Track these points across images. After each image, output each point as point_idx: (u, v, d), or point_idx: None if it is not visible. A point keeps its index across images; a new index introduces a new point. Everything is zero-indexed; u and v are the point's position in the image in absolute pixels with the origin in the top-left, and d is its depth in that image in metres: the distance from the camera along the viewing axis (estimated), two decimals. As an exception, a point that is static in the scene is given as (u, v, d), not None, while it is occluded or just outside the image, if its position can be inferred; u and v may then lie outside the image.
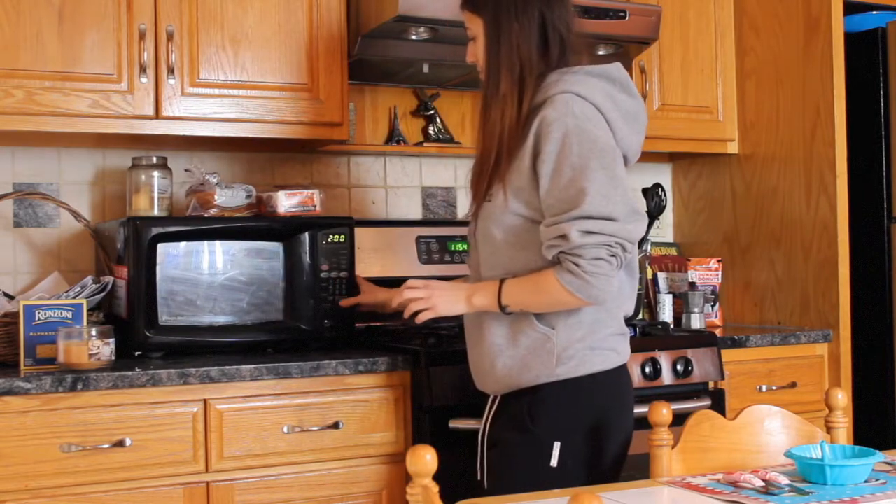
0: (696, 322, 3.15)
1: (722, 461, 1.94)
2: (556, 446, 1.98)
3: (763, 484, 1.58)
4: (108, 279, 2.56)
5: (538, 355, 2.02)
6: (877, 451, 1.64)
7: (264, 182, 3.03)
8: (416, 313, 2.14)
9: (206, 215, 2.64)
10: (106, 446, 2.19)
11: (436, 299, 2.11)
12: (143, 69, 2.55)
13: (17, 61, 2.45)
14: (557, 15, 2.06)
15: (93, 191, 2.89)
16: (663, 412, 1.88)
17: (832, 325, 3.10)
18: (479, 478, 2.12)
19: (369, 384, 2.44)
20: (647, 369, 2.66)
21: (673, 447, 1.88)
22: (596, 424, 2.02)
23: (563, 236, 1.92)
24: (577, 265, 1.92)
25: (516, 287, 2.01)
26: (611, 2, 2.89)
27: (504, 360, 2.05)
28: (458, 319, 2.27)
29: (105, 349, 2.27)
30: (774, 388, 3.00)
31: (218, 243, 2.58)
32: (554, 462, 1.98)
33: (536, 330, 2.02)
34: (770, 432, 2.01)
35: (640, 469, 1.95)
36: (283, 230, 2.63)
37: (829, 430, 2.02)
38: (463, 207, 3.37)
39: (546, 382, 2.01)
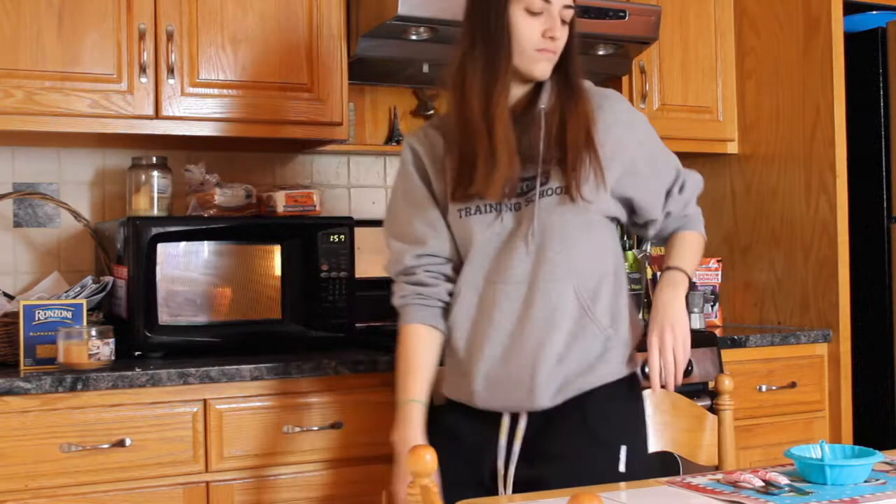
0: (696, 322, 3.15)
1: (722, 461, 1.95)
2: (623, 450, 1.90)
3: (763, 484, 1.58)
4: (108, 279, 2.56)
5: (600, 356, 1.92)
6: (877, 451, 1.64)
7: (264, 182, 3.03)
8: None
9: (206, 215, 2.64)
10: (106, 446, 2.19)
11: (679, 326, 1.94)
12: (142, 69, 2.55)
13: (17, 61, 2.45)
14: None
15: (93, 191, 2.89)
16: (663, 412, 1.89)
17: (832, 325, 3.10)
18: None
19: (369, 384, 2.44)
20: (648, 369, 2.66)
21: (673, 447, 1.89)
22: (641, 423, 2.01)
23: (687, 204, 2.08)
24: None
25: (686, 259, 2.03)
26: (611, 2, 2.89)
27: (568, 365, 1.91)
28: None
29: (105, 349, 2.28)
30: (774, 387, 3.00)
31: (218, 243, 2.58)
32: (622, 467, 1.90)
33: (602, 329, 1.92)
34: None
35: (639, 469, 1.95)
36: (283, 230, 2.63)
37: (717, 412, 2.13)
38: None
39: (602, 384, 1.92)
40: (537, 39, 1.90)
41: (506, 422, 1.94)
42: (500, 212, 1.94)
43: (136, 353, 2.46)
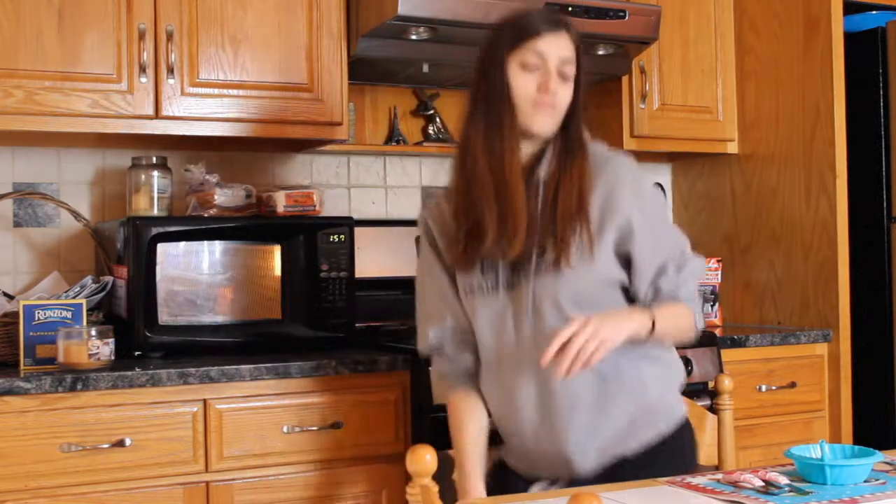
0: (696, 322, 3.15)
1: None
2: None
3: (763, 484, 1.58)
4: (108, 279, 2.56)
5: (633, 422, 1.87)
6: (877, 451, 1.64)
7: (264, 182, 3.03)
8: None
9: (205, 215, 2.64)
10: (106, 446, 2.19)
11: (603, 331, 1.72)
12: (142, 69, 2.55)
13: (17, 61, 2.45)
14: None
15: (93, 191, 2.89)
16: (663, 412, 1.88)
17: (832, 325, 3.10)
18: None
19: (369, 384, 2.44)
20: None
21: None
22: (689, 464, 1.95)
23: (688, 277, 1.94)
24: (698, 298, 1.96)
25: (661, 312, 1.86)
26: (611, 2, 2.89)
27: (602, 434, 1.87)
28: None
29: (105, 349, 2.28)
30: (774, 387, 3.00)
31: (218, 243, 2.58)
32: None
33: (629, 395, 1.87)
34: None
35: (639, 469, 1.94)
36: (283, 230, 2.63)
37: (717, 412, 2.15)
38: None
39: (642, 449, 1.89)
40: (533, 93, 1.87)
41: (550, 490, 1.91)
42: (497, 290, 1.91)
43: (136, 353, 2.46)
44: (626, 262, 1.90)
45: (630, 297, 1.93)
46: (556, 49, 1.88)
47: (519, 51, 1.88)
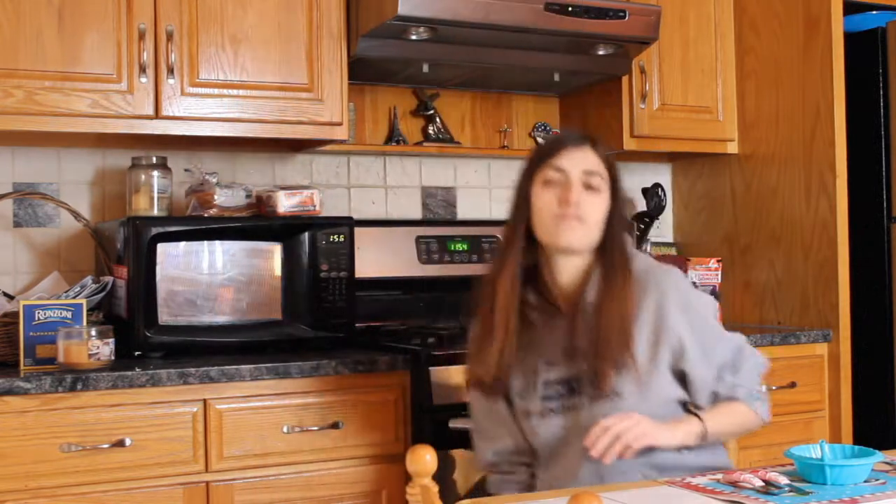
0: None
1: (722, 461, 1.94)
2: None
3: (763, 484, 1.58)
4: (108, 279, 2.56)
5: None
6: (877, 451, 1.64)
7: (264, 182, 3.03)
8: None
9: (205, 215, 2.64)
10: (106, 446, 2.19)
11: (646, 424, 1.78)
12: (142, 69, 2.55)
13: (17, 61, 2.45)
14: None
15: (93, 191, 2.89)
16: (663, 412, 1.88)
17: (832, 325, 3.10)
18: None
19: (369, 384, 2.44)
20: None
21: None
22: None
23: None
24: (760, 392, 1.96)
25: (713, 415, 1.88)
26: (611, 2, 2.89)
27: None
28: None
29: (105, 349, 2.28)
30: (774, 387, 3.00)
31: (218, 243, 2.58)
32: None
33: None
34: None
35: (639, 469, 1.94)
36: (283, 230, 2.63)
37: None
38: (463, 208, 3.36)
39: None
40: (554, 208, 1.89)
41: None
42: (552, 415, 1.91)
43: (136, 353, 2.46)
44: (681, 376, 1.91)
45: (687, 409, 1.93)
46: (577, 162, 1.90)
47: (542, 170, 1.92)
